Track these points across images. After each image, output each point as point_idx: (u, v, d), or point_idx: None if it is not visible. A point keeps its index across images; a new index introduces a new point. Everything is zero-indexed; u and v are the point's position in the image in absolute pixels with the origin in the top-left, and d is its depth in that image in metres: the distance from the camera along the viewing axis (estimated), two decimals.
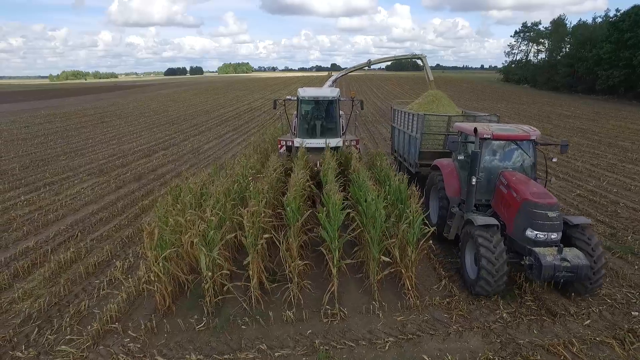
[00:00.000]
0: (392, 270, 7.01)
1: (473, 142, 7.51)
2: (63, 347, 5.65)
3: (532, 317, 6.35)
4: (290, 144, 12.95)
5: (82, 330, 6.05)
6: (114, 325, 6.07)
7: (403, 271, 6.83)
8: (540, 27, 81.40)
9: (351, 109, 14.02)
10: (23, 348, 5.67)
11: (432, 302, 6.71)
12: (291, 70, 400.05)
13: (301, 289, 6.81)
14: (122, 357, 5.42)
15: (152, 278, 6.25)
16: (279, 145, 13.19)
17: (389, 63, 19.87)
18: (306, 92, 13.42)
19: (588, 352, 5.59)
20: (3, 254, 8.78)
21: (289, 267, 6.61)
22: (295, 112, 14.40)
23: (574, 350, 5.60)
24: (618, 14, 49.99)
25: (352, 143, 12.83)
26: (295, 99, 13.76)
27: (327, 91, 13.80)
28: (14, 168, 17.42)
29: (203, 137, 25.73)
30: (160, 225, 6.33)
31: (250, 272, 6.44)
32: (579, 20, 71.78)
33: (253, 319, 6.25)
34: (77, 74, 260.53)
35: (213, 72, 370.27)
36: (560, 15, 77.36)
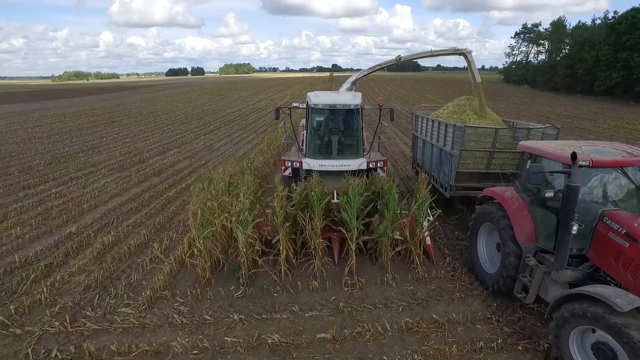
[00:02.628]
0: (404, 247, 7.96)
1: (564, 173, 5.50)
2: (123, 309, 6.61)
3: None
4: (298, 165, 10.32)
5: (137, 297, 7.01)
6: (164, 293, 7.04)
7: (413, 249, 7.78)
8: (540, 28, 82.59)
9: (378, 120, 11.12)
10: (90, 309, 6.63)
11: (438, 275, 7.67)
12: (292, 71, 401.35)
13: (323, 264, 7.76)
14: (175, 317, 6.37)
15: (196, 252, 7.22)
16: (283, 167, 10.58)
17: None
18: (319, 98, 10.40)
19: None
20: (51, 237, 9.74)
21: (313, 244, 7.56)
22: (304, 123, 11.65)
23: None
24: (616, 16, 51.04)
25: (379, 165, 10.39)
26: (305, 106, 11.00)
27: (346, 97, 10.62)
28: (39, 164, 18.35)
29: (213, 136, 26.67)
30: (201, 207, 7.29)
31: (280, 248, 7.38)
32: (578, 22, 72.91)
33: (283, 288, 7.20)
34: (79, 75, 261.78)
35: (214, 72, 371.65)
36: (560, 17, 78.46)
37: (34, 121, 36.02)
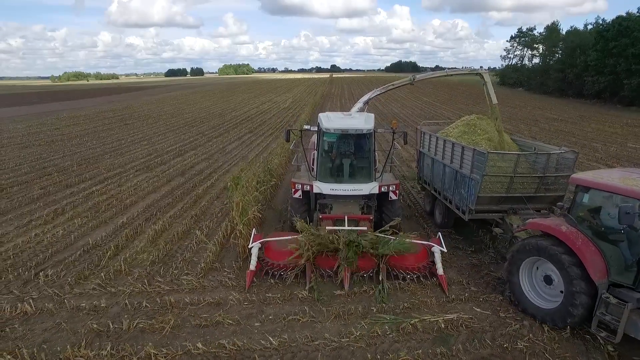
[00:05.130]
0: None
1: None
2: (185, 277, 8.72)
3: (492, 262, 9.46)
4: (309, 188, 10.15)
5: (193, 269, 9.11)
6: (214, 265, 9.17)
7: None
8: (535, 32, 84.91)
9: (391, 143, 10.79)
10: (159, 277, 8.73)
11: None
12: (291, 71, 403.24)
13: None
14: (227, 281, 8.48)
15: (238, 234, 9.33)
16: (293, 190, 10.35)
17: (399, 84, 14.14)
18: (332, 121, 10.24)
19: None
20: (108, 226, 11.85)
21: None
22: (315, 140, 11.64)
23: None
24: (604, 24, 53.46)
25: (391, 189, 10.23)
26: (316, 129, 10.85)
27: (359, 121, 10.43)
28: (72, 165, 20.32)
29: (224, 139, 28.72)
30: (242, 200, 9.40)
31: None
32: (571, 27, 75.20)
33: None
34: (78, 75, 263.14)
35: (213, 72, 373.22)
36: (554, 22, 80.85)
37: (51, 124, 37.89)
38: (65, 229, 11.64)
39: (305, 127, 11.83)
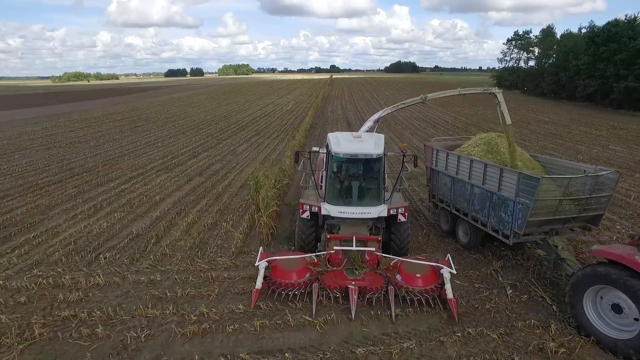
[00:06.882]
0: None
1: None
2: (219, 259, 10.60)
3: (479, 257, 11.35)
4: (317, 210, 10.08)
5: (225, 253, 10.99)
6: (243, 249, 11.07)
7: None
8: (531, 35, 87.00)
9: (401, 166, 10.66)
10: (198, 259, 10.61)
11: (417, 239, 11.68)
12: (290, 71, 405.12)
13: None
14: (255, 261, 10.35)
15: (262, 224, 11.22)
16: (301, 211, 10.23)
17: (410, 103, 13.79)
18: (341, 145, 10.00)
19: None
20: (145, 219, 13.71)
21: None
22: (323, 158, 11.54)
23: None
24: (595, 28, 55.51)
25: (400, 211, 10.06)
26: (325, 151, 10.87)
27: (369, 145, 10.10)
28: (97, 166, 22.10)
29: (233, 141, 30.52)
30: (266, 195, 11.30)
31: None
32: (565, 30, 77.20)
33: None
34: (79, 75, 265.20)
35: (213, 73, 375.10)
36: (549, 25, 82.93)
37: (64, 126, 39.60)
38: (108, 221, 13.49)
39: (314, 149, 12.03)
